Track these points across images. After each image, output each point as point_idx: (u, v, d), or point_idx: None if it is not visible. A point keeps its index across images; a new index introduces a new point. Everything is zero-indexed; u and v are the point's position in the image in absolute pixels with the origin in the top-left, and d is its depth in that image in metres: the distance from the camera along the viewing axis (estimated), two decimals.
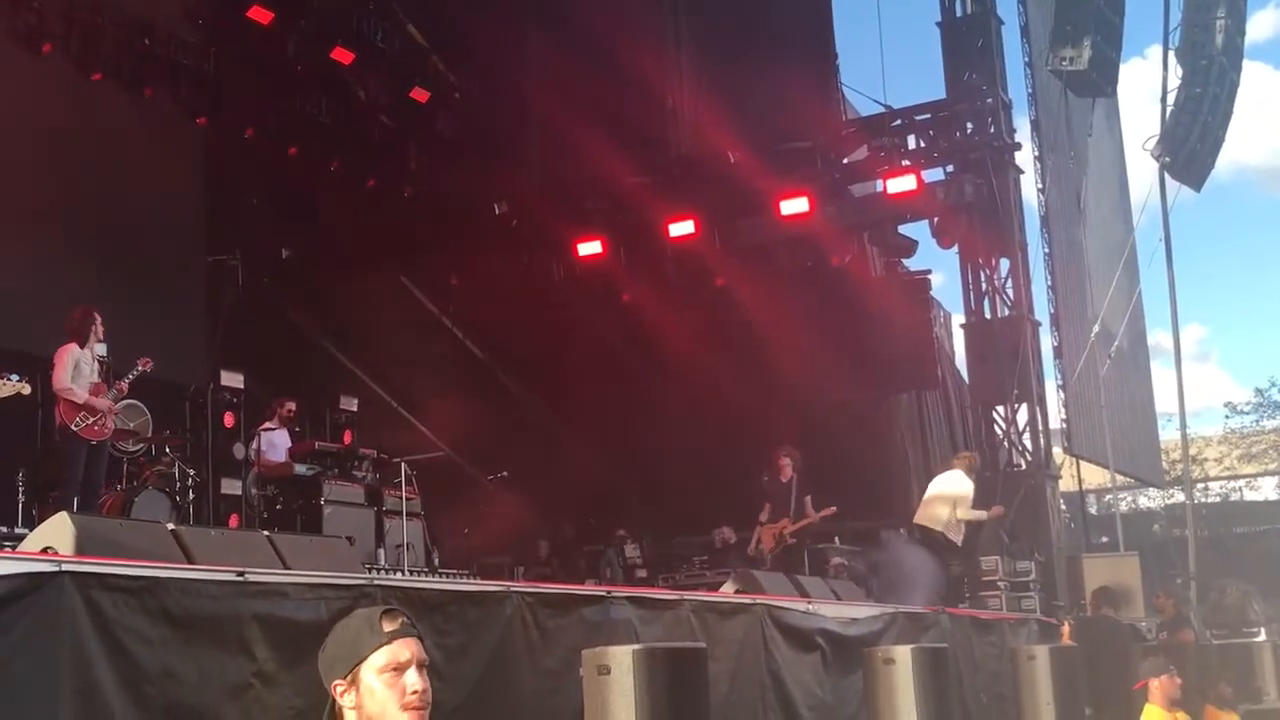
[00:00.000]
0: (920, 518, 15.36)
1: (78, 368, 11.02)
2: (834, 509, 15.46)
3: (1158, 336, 27.45)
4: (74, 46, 16.21)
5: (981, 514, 15.42)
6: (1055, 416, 20.42)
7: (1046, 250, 20.31)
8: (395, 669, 3.11)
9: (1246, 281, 72.24)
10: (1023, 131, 20.68)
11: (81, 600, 5.03)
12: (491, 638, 6.89)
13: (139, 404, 12.65)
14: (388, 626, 3.15)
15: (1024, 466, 19.82)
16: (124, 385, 11.38)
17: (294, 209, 19.90)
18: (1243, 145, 70.32)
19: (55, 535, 6.19)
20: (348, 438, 15.61)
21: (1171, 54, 17.97)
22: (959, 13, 20.52)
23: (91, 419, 10.98)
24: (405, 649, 3.14)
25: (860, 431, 20.59)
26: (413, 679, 3.12)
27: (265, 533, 8.03)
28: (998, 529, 17.92)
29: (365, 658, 3.12)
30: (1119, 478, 23.94)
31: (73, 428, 10.88)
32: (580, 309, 21.88)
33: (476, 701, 6.54)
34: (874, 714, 8.58)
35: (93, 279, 15.62)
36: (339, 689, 3.13)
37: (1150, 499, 37.26)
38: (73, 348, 11.07)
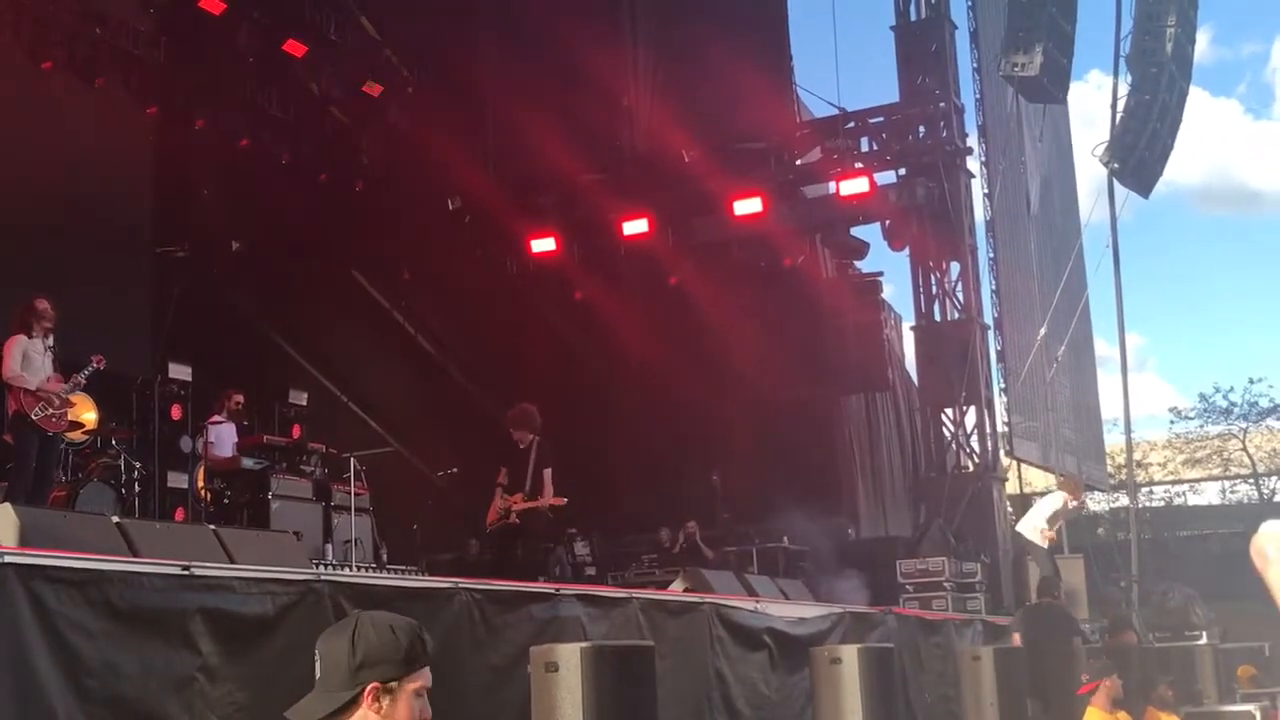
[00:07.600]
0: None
1: (27, 358, 10.81)
2: (563, 500, 12.80)
3: (1098, 344, 27.68)
4: (24, 35, 16.02)
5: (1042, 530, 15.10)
6: (1001, 420, 20.61)
7: (992, 255, 20.49)
8: (423, 693, 3.06)
9: (1180, 295, 73.41)
10: (972, 137, 20.84)
11: (24, 592, 4.99)
12: (439, 634, 6.87)
13: (88, 396, 12.51)
14: (428, 649, 3.08)
15: (971, 469, 19.99)
16: (80, 379, 11.21)
17: (245, 201, 19.73)
18: (1177, 165, 71.11)
19: None
20: (296, 432, 15.52)
21: (1122, 61, 18.13)
22: (913, 16, 20.67)
23: (51, 409, 10.76)
24: (428, 673, 3.08)
25: (810, 431, 20.70)
26: (428, 708, 3.07)
27: (211, 527, 7.98)
28: (944, 530, 18.09)
29: (413, 672, 3.03)
30: None
31: (32, 417, 10.66)
32: (533, 305, 21.86)
33: None
34: (820, 713, 8.61)
35: (40, 269, 15.41)
36: (373, 692, 2.98)
37: (1095, 502, 37.60)
38: (20, 338, 10.83)
